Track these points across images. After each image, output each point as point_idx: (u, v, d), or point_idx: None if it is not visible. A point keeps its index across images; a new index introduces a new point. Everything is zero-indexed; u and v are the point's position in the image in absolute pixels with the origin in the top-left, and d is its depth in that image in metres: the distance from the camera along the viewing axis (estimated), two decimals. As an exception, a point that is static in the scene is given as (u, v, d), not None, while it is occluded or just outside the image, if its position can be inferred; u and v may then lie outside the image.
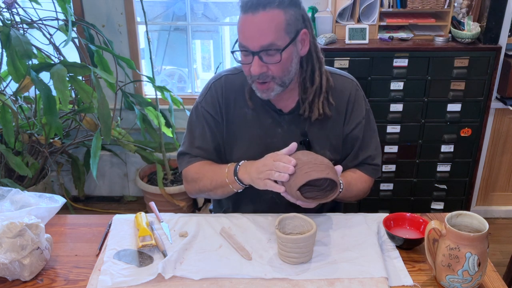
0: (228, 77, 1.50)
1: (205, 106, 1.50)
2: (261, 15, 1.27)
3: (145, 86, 3.10)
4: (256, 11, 1.27)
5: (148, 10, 2.84)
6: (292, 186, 1.24)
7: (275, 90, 1.36)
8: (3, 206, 1.36)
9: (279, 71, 1.33)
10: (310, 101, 1.43)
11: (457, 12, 2.60)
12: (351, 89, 1.49)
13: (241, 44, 1.32)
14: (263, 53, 1.30)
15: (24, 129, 2.59)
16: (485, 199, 3.04)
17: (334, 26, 2.57)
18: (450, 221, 1.17)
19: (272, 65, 1.32)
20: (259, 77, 1.33)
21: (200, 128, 1.51)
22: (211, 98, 1.49)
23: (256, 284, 1.17)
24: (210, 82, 1.52)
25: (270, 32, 1.28)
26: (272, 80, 1.34)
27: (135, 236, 1.36)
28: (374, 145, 1.54)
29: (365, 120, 1.50)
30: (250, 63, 1.32)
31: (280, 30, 1.29)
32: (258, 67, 1.31)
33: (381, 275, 1.19)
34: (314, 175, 1.22)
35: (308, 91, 1.42)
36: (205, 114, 1.49)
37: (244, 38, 1.31)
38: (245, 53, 1.33)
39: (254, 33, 1.28)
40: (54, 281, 1.21)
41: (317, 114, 1.42)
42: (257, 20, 1.27)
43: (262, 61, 1.31)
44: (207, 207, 2.75)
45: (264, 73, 1.32)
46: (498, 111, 2.77)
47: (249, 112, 1.47)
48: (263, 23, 1.27)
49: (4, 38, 2.25)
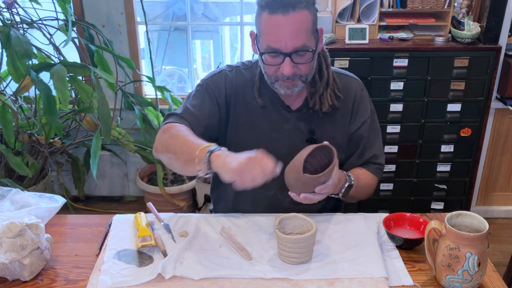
0: (239, 69, 1.50)
1: (210, 84, 1.47)
2: (292, 16, 1.26)
3: (145, 86, 3.10)
4: (287, 12, 1.25)
5: (148, 10, 2.84)
6: (298, 177, 1.22)
7: (299, 86, 1.37)
8: (3, 206, 1.36)
9: (308, 70, 1.35)
10: (320, 94, 1.44)
11: (457, 12, 2.60)
12: (357, 89, 1.50)
13: (271, 47, 1.30)
14: (295, 54, 1.30)
15: (24, 129, 2.59)
16: (485, 199, 3.04)
17: (334, 26, 2.57)
18: (450, 221, 1.17)
19: (302, 65, 1.32)
20: (288, 78, 1.33)
21: (199, 99, 1.45)
22: (218, 80, 1.47)
23: (256, 284, 1.17)
24: (222, 69, 1.50)
25: (302, 33, 1.28)
26: (299, 79, 1.35)
27: (135, 236, 1.36)
28: (379, 144, 1.56)
29: (370, 119, 1.52)
30: (279, 64, 1.32)
31: (309, 31, 1.30)
32: (290, 68, 1.30)
33: (381, 275, 1.19)
34: (305, 152, 1.23)
35: (317, 84, 1.44)
36: (209, 90, 1.46)
37: (275, 40, 1.29)
38: (274, 55, 1.32)
39: (286, 35, 1.27)
40: (54, 281, 1.21)
41: (327, 105, 1.43)
42: (288, 22, 1.26)
43: (293, 61, 1.31)
44: (207, 207, 2.75)
45: (294, 73, 1.33)
46: (498, 111, 2.77)
47: (258, 106, 1.48)
48: (295, 24, 1.27)
49: (4, 38, 2.25)
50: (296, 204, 1.39)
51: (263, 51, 1.33)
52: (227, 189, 1.55)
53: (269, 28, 1.29)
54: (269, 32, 1.29)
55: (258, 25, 1.33)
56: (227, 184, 1.36)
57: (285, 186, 1.50)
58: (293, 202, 1.44)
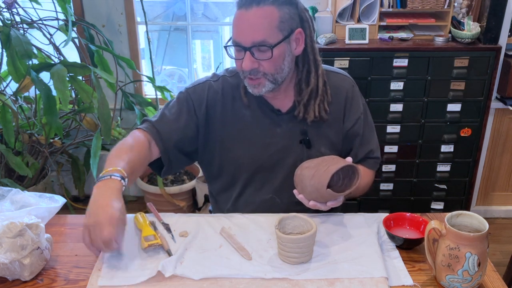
0: (225, 78, 1.50)
1: (192, 94, 1.47)
2: (254, 11, 1.28)
3: (145, 86, 3.10)
4: (250, 7, 1.28)
5: (148, 10, 2.84)
6: (319, 189, 1.26)
7: (266, 86, 1.36)
8: (3, 206, 1.36)
9: (271, 68, 1.33)
10: (305, 103, 1.42)
11: (457, 12, 2.60)
12: (348, 86, 1.50)
13: (234, 40, 1.32)
14: (255, 49, 1.30)
15: (24, 129, 2.59)
16: (485, 199, 3.04)
17: (334, 26, 2.57)
18: (450, 221, 1.17)
19: (264, 61, 1.32)
20: (250, 73, 1.34)
21: (177, 108, 1.46)
22: (201, 91, 1.47)
23: (256, 284, 1.17)
24: (207, 78, 1.51)
25: (263, 28, 1.28)
26: (263, 76, 1.34)
27: (135, 235, 1.36)
28: (374, 139, 1.56)
29: (363, 115, 1.51)
30: (242, 58, 1.33)
31: (272, 27, 1.29)
32: (249, 63, 1.31)
33: (381, 275, 1.19)
34: (333, 168, 1.24)
35: (303, 92, 1.42)
36: (188, 100, 1.46)
37: (237, 34, 1.31)
38: (238, 49, 1.34)
39: (246, 29, 1.29)
40: (54, 281, 1.21)
41: (312, 116, 1.42)
42: (250, 16, 1.28)
43: (254, 57, 1.31)
44: (207, 207, 2.75)
45: (256, 69, 1.33)
46: (498, 111, 2.77)
47: (248, 113, 1.47)
48: (255, 19, 1.28)
49: (4, 38, 2.25)
50: (294, 207, 1.39)
51: (228, 44, 1.35)
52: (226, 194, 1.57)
53: (234, 22, 1.32)
54: (234, 25, 1.32)
55: None
56: (226, 189, 1.37)
57: (281, 189, 1.51)
58: (291, 205, 1.45)
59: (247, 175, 1.50)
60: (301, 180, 1.31)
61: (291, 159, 1.48)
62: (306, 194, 1.31)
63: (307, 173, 1.29)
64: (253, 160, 1.47)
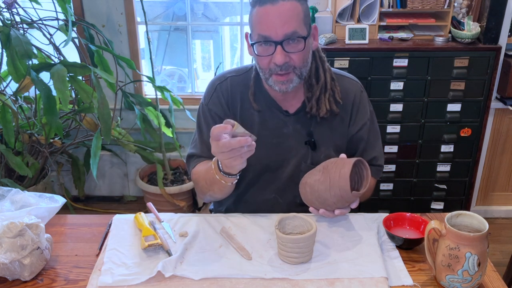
0: (233, 78, 1.49)
1: (212, 108, 1.48)
2: (280, 5, 1.27)
3: (145, 86, 3.10)
4: (276, 2, 1.27)
5: (148, 10, 2.84)
6: (343, 196, 1.26)
7: (294, 81, 1.35)
8: (3, 206, 1.36)
9: (300, 61, 1.33)
10: (317, 98, 1.43)
11: (457, 12, 2.60)
12: (356, 91, 1.49)
13: (262, 35, 1.30)
14: (286, 42, 1.29)
15: (24, 129, 2.59)
16: (485, 199, 3.04)
17: (334, 26, 2.57)
18: (450, 221, 1.17)
19: (294, 54, 1.31)
20: (281, 68, 1.32)
21: (208, 125, 1.47)
22: (218, 99, 1.48)
23: (256, 284, 1.17)
24: (214, 83, 1.50)
25: (293, 20, 1.28)
26: (293, 71, 1.33)
27: (135, 236, 1.36)
28: (378, 146, 1.55)
29: (369, 121, 1.51)
30: (271, 54, 1.31)
31: (300, 20, 1.30)
32: (282, 56, 1.30)
33: (381, 275, 1.19)
34: (346, 171, 1.25)
35: (314, 88, 1.43)
36: (213, 115, 1.48)
37: (265, 29, 1.29)
38: (266, 44, 1.31)
39: (276, 22, 1.27)
40: (54, 281, 1.21)
41: (324, 110, 1.42)
42: (278, 10, 1.27)
43: (285, 50, 1.30)
44: (207, 207, 2.75)
45: (287, 63, 1.31)
46: (498, 111, 2.77)
47: (256, 114, 1.47)
48: (285, 12, 1.27)
49: (4, 38, 2.25)
50: (296, 207, 1.39)
51: (254, 41, 1.33)
52: None
53: (259, 18, 1.30)
54: (260, 22, 1.30)
55: (250, 22, 1.34)
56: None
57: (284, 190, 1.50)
58: (292, 205, 1.44)
59: (252, 175, 1.50)
60: (317, 197, 1.30)
61: (295, 160, 1.48)
62: (328, 206, 1.30)
63: (321, 186, 1.29)
64: (260, 161, 1.46)
